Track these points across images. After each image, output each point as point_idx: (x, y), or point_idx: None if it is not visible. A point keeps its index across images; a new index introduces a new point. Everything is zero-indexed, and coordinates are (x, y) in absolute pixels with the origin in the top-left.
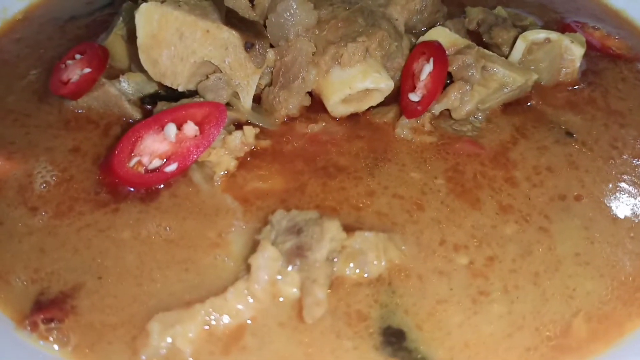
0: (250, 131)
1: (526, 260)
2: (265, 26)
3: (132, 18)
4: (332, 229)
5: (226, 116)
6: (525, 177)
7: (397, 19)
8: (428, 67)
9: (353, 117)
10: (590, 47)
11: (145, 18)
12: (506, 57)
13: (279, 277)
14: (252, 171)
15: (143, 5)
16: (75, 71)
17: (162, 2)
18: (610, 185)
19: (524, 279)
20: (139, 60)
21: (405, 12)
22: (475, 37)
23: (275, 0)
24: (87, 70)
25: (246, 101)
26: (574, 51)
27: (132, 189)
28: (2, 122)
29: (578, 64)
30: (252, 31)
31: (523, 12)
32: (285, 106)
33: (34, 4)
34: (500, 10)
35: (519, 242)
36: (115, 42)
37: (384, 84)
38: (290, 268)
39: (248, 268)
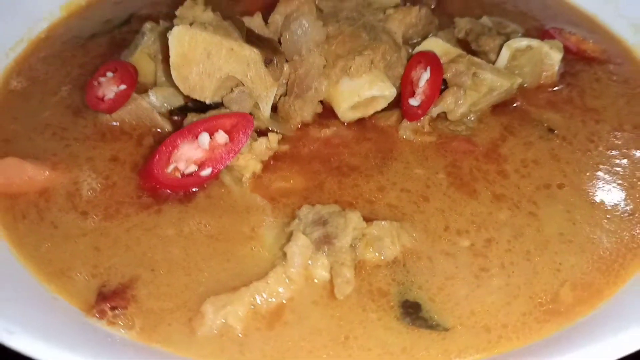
0: (274, 137)
1: (519, 241)
2: (280, 43)
3: (158, 37)
4: (354, 219)
5: (253, 125)
6: (514, 169)
7: (395, 32)
8: (425, 75)
9: (360, 121)
10: (567, 51)
11: (177, 40)
12: (493, 63)
13: (311, 262)
14: (276, 172)
15: (175, 29)
16: (110, 88)
17: (190, 25)
18: (588, 174)
19: (517, 257)
20: (167, 75)
21: (402, 25)
22: (464, 45)
23: (289, 19)
24: (123, 87)
25: (265, 110)
26: (552, 56)
27: (171, 192)
28: (41, 135)
29: (557, 68)
30: (269, 48)
31: (505, 21)
32: (300, 114)
33: (55, 22)
34: (485, 20)
35: (512, 225)
36: (141, 59)
37: (388, 92)
38: (319, 254)
39: (284, 256)
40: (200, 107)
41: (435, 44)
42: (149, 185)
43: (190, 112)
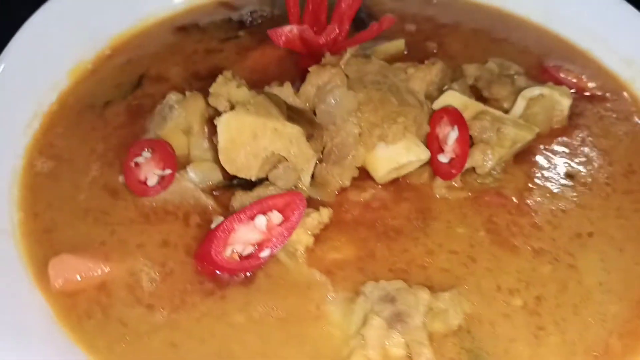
0: (325, 212)
1: (565, 295)
2: (314, 113)
3: (188, 110)
4: (425, 297)
5: (305, 203)
6: (547, 220)
7: (418, 92)
8: (453, 134)
9: (394, 181)
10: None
11: (225, 126)
12: (506, 112)
13: (387, 342)
14: (326, 243)
15: (224, 116)
16: (152, 171)
17: (231, 108)
18: (612, 220)
19: (567, 312)
20: (202, 149)
21: (424, 84)
22: (474, 91)
23: (323, 91)
24: (168, 171)
25: (306, 180)
26: (563, 103)
27: (230, 275)
28: (83, 222)
29: (566, 113)
30: (307, 121)
31: (507, 62)
32: (340, 180)
33: (64, 91)
34: (491, 65)
35: (555, 279)
36: (172, 133)
37: (424, 156)
38: (393, 333)
39: (362, 337)
40: (245, 183)
41: (453, 98)
42: (208, 269)
43: (235, 188)
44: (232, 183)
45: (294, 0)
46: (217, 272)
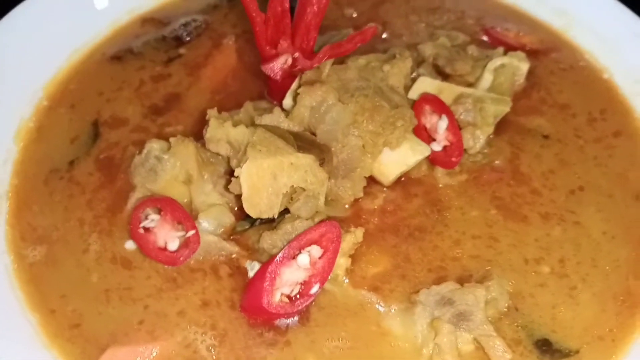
0: (359, 232)
1: (581, 252)
2: (313, 134)
3: (178, 160)
4: (483, 293)
5: (341, 231)
6: (542, 185)
7: (398, 87)
8: (443, 123)
9: (398, 180)
10: (510, 48)
11: (246, 176)
12: (471, 85)
13: (459, 342)
14: (362, 260)
15: (245, 167)
16: (169, 234)
17: (244, 152)
18: (594, 170)
19: (587, 266)
20: (205, 193)
21: (402, 78)
22: (435, 69)
23: (320, 112)
24: (191, 232)
25: (321, 201)
26: (522, 68)
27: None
28: (109, 304)
29: (524, 77)
30: (315, 146)
31: (452, 32)
32: (353, 192)
33: (17, 160)
34: (443, 40)
35: (568, 239)
36: (169, 187)
37: (427, 152)
38: (460, 332)
39: (434, 345)
40: (266, 220)
41: (427, 85)
42: (261, 318)
43: (256, 226)
44: (254, 225)
45: (257, 12)
46: (271, 319)
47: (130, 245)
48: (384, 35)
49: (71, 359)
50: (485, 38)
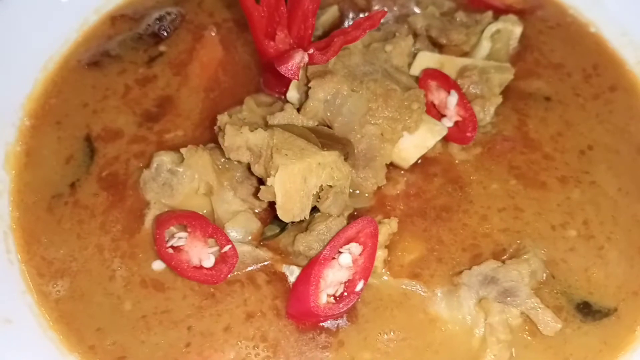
0: (394, 222)
1: (601, 211)
2: (328, 127)
3: (196, 172)
4: (527, 268)
5: (377, 225)
6: (553, 148)
7: (403, 66)
8: (453, 99)
9: (415, 162)
10: (496, 10)
11: (279, 185)
12: (466, 54)
13: (509, 318)
14: (397, 248)
15: (278, 176)
16: (203, 252)
17: (269, 157)
18: (597, 126)
19: (610, 224)
20: (227, 201)
21: (405, 57)
22: (429, 39)
23: (335, 105)
24: (227, 247)
25: (347, 194)
26: (515, 32)
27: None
28: (150, 331)
29: (518, 39)
30: (335, 141)
31: None
32: (376, 181)
33: (14, 190)
34: (431, 9)
35: (588, 200)
36: (190, 200)
37: (445, 131)
38: (508, 308)
39: (490, 327)
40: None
41: (428, 59)
42: (310, 322)
43: (287, 229)
44: (284, 228)
45: (254, 7)
46: (321, 321)
47: (157, 265)
48: (374, 7)
49: None
50: None
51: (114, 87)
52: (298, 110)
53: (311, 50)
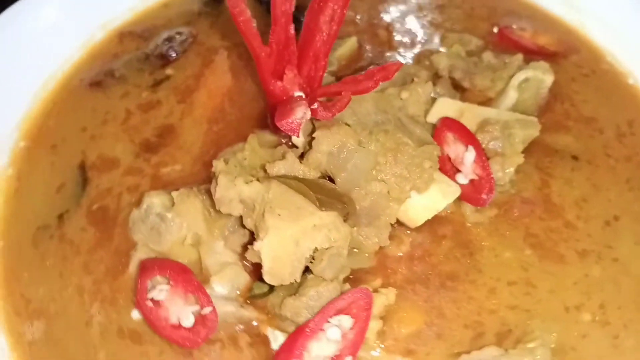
0: (391, 294)
1: (621, 294)
2: (330, 180)
3: (184, 220)
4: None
5: (372, 297)
6: (576, 215)
7: (419, 115)
8: (470, 155)
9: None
10: (528, 52)
11: (267, 250)
12: (490, 100)
13: None
14: (393, 319)
15: (265, 242)
16: (183, 310)
17: (261, 214)
18: (627, 194)
19: (629, 310)
20: (216, 252)
21: (422, 105)
22: (451, 81)
23: (339, 159)
24: (208, 309)
25: (344, 256)
26: (546, 81)
27: None
28: None
29: (548, 89)
30: (335, 198)
31: (465, 35)
32: (378, 241)
33: (1, 217)
34: (457, 48)
35: (608, 279)
36: (176, 249)
37: (458, 193)
38: None
39: None
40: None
41: (447, 107)
42: None
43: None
44: (274, 287)
45: (260, 47)
46: None
47: (137, 314)
48: (394, 45)
49: None
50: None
51: (114, 111)
52: (302, 154)
53: (315, 105)
